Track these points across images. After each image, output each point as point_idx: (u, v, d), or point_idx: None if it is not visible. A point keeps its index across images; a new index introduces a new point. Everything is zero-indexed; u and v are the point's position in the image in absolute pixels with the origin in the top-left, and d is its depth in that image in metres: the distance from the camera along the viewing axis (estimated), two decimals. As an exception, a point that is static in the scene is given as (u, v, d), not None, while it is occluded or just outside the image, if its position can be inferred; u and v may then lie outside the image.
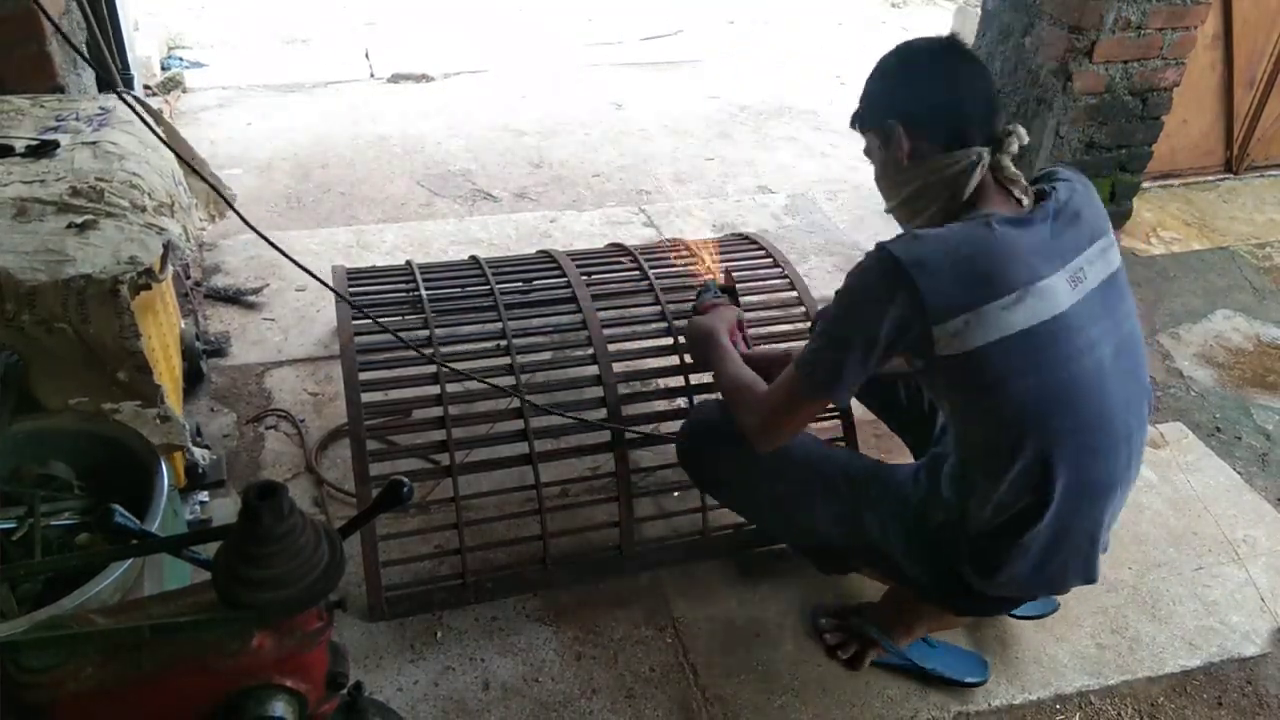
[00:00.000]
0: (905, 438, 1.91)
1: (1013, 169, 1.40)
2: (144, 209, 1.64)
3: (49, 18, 1.55)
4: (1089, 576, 1.53)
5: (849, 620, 1.76)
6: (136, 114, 1.42)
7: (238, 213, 1.38)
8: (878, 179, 1.51)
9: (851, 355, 1.36)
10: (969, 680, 1.70)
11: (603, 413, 1.86)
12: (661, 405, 2.08)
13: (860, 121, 1.50)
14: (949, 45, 1.43)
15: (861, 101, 1.49)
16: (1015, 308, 1.30)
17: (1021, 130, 1.40)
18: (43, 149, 1.72)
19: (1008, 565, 1.45)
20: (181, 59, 4.47)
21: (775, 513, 1.71)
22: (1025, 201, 1.41)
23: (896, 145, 1.42)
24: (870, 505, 1.57)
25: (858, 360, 1.36)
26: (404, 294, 2.05)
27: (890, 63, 1.45)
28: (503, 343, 1.91)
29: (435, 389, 1.82)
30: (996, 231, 1.33)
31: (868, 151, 1.51)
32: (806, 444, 1.64)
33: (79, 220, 1.53)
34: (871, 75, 1.48)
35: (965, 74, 1.40)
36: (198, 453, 1.87)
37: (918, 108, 1.40)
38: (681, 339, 1.97)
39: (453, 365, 1.74)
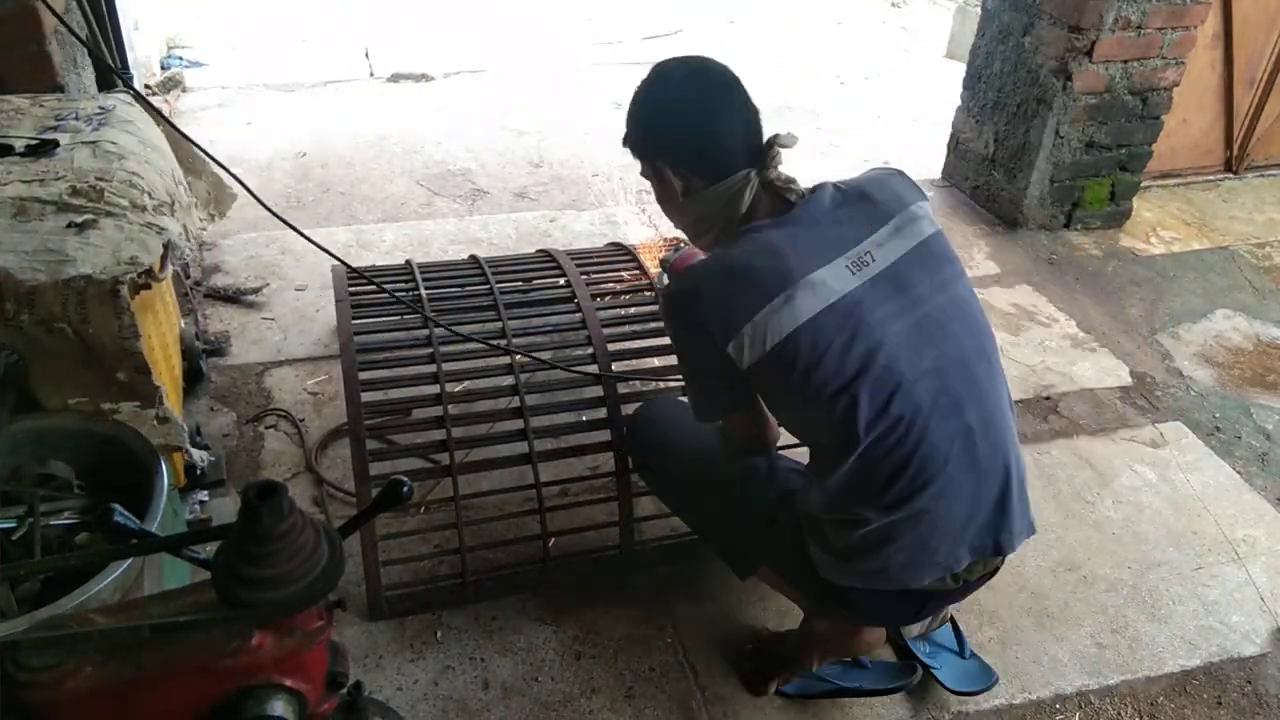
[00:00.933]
0: None
1: (783, 176, 1.42)
2: (144, 209, 1.64)
3: (53, 12, 1.54)
4: (951, 565, 1.40)
5: (764, 645, 1.74)
6: (145, 104, 1.42)
7: (255, 196, 1.37)
8: (659, 202, 1.52)
9: (707, 381, 1.47)
10: (893, 686, 1.67)
11: (602, 412, 1.86)
12: (661, 405, 2.08)
13: (631, 149, 1.50)
14: (697, 75, 1.43)
15: (628, 129, 1.48)
16: (786, 307, 1.31)
17: (787, 137, 1.42)
18: (42, 148, 1.72)
19: (856, 551, 1.39)
20: (181, 58, 4.47)
21: (697, 507, 1.70)
22: (797, 197, 1.43)
23: (669, 184, 1.44)
24: (765, 502, 1.54)
25: (715, 378, 1.44)
26: (404, 293, 2.05)
27: (645, 101, 1.45)
28: (503, 342, 1.91)
29: (435, 388, 1.82)
30: (765, 237, 1.37)
31: (643, 174, 1.50)
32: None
33: (79, 220, 1.53)
34: (633, 106, 1.47)
35: (718, 104, 1.40)
36: (196, 454, 1.86)
37: (679, 151, 1.42)
38: None
39: (450, 327, 1.74)
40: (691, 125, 1.40)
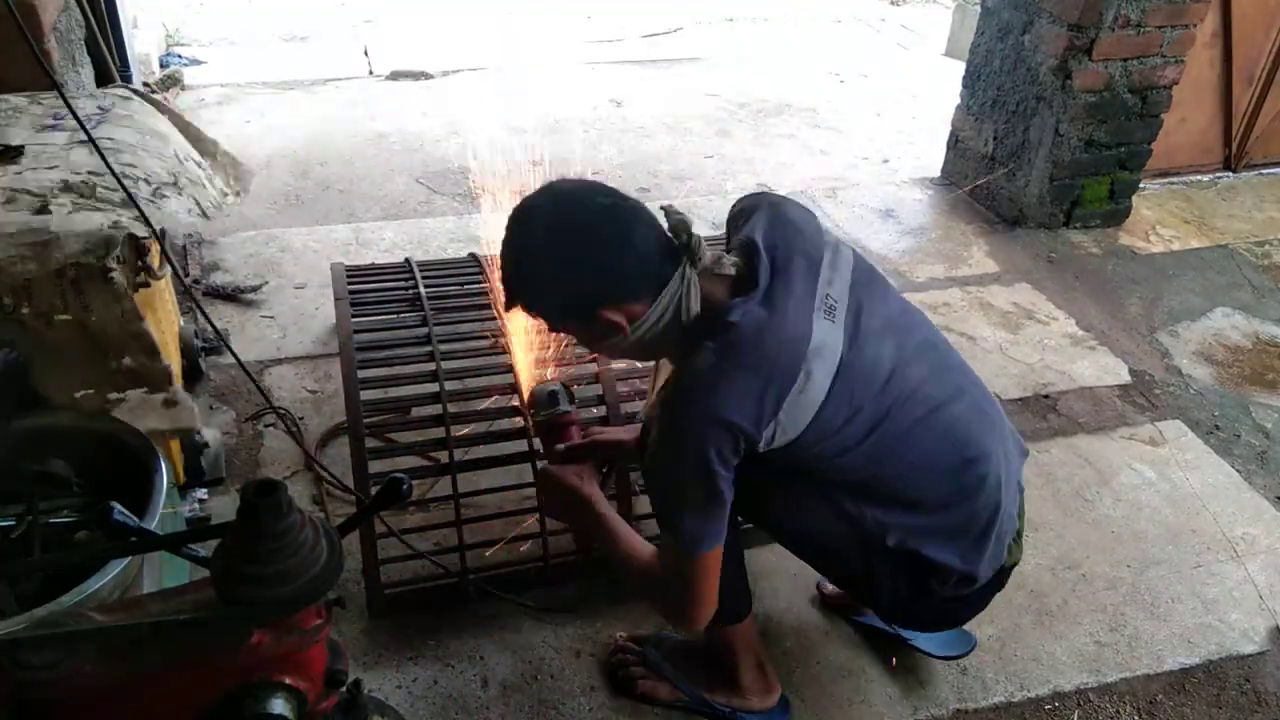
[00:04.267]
0: None
1: (712, 257, 1.32)
2: (137, 197, 1.62)
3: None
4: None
5: (646, 649, 1.69)
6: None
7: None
8: (591, 346, 1.44)
9: (711, 506, 1.29)
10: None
11: (602, 410, 1.86)
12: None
13: (546, 315, 1.34)
14: (581, 201, 1.30)
15: (527, 295, 1.31)
16: (810, 383, 1.25)
17: (687, 218, 1.30)
18: (6, 154, 1.66)
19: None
20: (180, 56, 4.46)
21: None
22: (735, 269, 1.33)
23: (608, 324, 1.28)
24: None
25: (717, 502, 1.29)
26: (403, 291, 2.05)
27: (553, 256, 1.27)
28: (502, 339, 1.91)
29: (434, 386, 1.82)
30: (752, 321, 1.25)
31: (559, 330, 1.39)
32: None
33: (67, 208, 1.52)
34: (536, 270, 1.30)
35: (621, 217, 1.28)
36: (207, 434, 1.85)
37: (613, 286, 1.27)
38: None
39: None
40: (612, 251, 1.26)
